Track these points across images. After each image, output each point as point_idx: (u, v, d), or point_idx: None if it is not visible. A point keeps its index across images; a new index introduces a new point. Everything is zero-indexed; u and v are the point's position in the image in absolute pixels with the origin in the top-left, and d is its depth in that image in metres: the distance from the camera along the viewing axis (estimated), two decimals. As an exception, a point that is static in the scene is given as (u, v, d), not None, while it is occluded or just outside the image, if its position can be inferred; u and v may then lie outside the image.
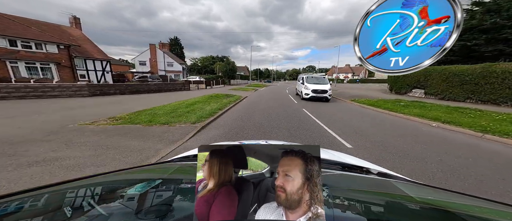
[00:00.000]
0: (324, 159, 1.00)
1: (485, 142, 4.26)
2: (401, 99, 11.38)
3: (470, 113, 6.76)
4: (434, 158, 3.32)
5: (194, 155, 1.12)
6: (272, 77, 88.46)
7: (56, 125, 4.95)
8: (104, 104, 9.12)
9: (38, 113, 6.60)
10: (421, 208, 0.57)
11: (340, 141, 4.21)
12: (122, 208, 0.50)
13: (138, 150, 3.44)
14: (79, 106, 8.38)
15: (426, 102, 10.01)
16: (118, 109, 7.70)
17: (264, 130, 4.97)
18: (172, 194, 0.62)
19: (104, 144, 3.67)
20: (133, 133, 4.39)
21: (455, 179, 2.65)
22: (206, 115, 6.37)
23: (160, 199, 0.57)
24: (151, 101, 10.44)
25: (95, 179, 0.74)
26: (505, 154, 3.58)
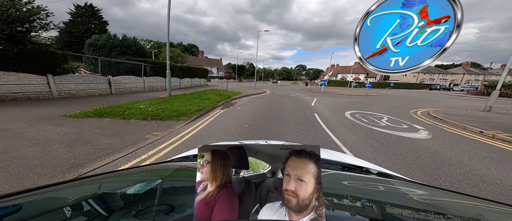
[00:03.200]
0: (324, 159, 1.00)
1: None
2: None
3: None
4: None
5: (194, 155, 1.12)
6: (259, 76, 74.56)
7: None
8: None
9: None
10: (421, 208, 0.57)
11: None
12: (122, 208, 0.50)
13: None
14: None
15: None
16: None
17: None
18: (172, 194, 0.61)
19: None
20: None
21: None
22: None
23: (160, 199, 0.57)
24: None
25: (95, 179, 0.74)
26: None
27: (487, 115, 9.07)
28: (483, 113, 9.71)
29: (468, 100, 19.01)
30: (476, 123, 6.96)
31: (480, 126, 6.48)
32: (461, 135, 5.73)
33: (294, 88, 32.29)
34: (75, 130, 4.51)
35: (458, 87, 44.46)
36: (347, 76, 54.86)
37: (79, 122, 5.21)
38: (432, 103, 15.06)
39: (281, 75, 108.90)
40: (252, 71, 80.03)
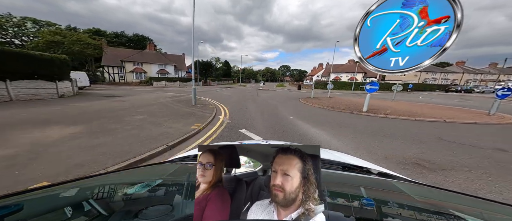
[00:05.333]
0: (324, 159, 1.00)
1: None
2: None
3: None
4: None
5: (194, 155, 1.12)
6: (238, 78, 60.29)
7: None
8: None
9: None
10: (421, 208, 0.57)
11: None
12: (122, 208, 0.50)
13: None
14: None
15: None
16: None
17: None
18: (172, 194, 0.62)
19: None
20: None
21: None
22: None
23: (160, 199, 0.57)
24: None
25: (95, 179, 0.74)
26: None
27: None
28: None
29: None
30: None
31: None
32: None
33: (284, 94, 20.51)
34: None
35: (480, 88, 33.25)
36: (341, 75, 48.44)
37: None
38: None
39: (265, 76, 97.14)
40: (226, 71, 61.24)
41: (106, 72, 32.47)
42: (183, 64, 44.05)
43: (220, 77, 54.73)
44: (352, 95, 20.60)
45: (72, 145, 3.57)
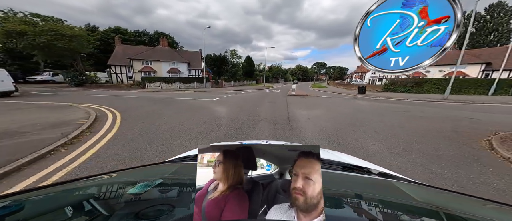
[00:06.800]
0: (324, 159, 0.99)
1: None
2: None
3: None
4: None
5: (194, 155, 1.12)
6: (263, 77, 49.91)
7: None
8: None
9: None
10: (421, 208, 0.57)
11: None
12: (122, 208, 0.50)
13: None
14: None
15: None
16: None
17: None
18: (172, 194, 0.62)
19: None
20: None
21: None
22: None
23: (160, 199, 0.57)
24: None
25: (95, 179, 0.74)
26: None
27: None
28: None
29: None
30: None
31: None
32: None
33: (348, 107, 9.66)
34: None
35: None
36: (365, 75, 37.84)
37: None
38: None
39: (296, 75, 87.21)
40: (248, 68, 49.18)
41: (113, 72, 29.23)
42: (199, 62, 35.62)
43: (239, 75, 43.64)
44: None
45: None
